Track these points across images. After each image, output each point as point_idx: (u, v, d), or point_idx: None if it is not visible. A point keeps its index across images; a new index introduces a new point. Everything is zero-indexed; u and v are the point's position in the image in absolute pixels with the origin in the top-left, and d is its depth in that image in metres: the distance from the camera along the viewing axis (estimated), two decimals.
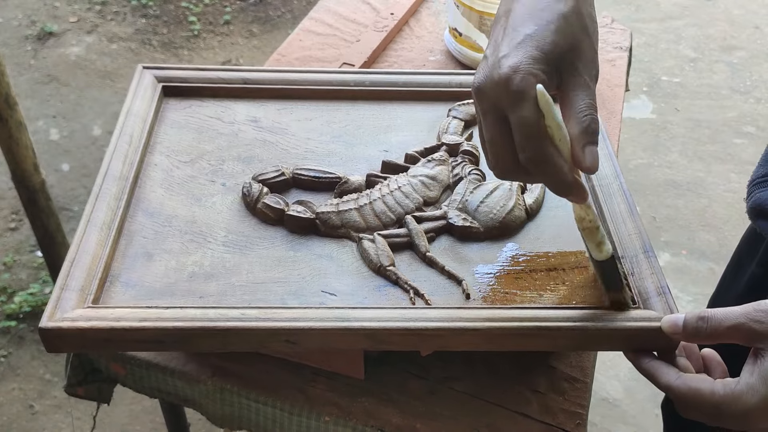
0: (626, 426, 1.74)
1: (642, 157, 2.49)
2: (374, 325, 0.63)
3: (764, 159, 0.77)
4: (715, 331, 0.57)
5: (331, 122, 0.88)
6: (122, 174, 0.76)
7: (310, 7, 2.03)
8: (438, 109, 0.90)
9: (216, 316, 0.63)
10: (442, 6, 1.32)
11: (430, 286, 0.69)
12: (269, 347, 0.66)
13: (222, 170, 0.81)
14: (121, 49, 2.82)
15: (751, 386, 0.55)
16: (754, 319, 0.55)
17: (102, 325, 0.62)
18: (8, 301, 1.90)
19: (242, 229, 0.74)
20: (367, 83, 0.92)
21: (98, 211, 0.72)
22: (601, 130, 0.84)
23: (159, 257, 0.70)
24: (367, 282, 0.69)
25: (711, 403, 0.56)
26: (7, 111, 1.41)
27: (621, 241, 0.72)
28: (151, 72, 0.89)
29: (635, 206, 0.76)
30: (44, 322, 0.62)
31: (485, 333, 0.63)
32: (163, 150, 0.82)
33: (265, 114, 0.88)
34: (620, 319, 0.64)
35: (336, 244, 0.73)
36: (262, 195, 0.76)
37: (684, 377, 0.59)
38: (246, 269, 0.70)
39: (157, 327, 0.62)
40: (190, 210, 0.76)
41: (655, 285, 0.67)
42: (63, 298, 0.64)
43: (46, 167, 1.92)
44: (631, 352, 0.65)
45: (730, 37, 3.07)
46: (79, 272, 0.66)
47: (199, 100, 0.89)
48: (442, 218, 0.75)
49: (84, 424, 1.68)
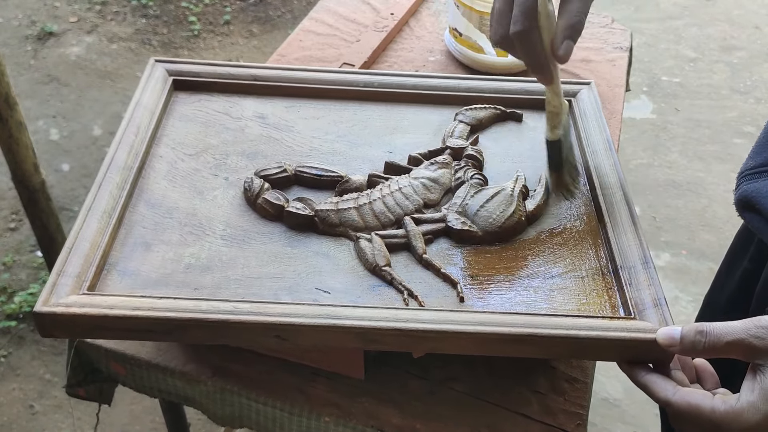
0: (626, 426, 1.74)
1: (642, 157, 2.49)
2: (365, 324, 0.63)
3: (754, 152, 0.77)
4: (713, 346, 0.56)
5: (337, 121, 0.88)
6: (127, 164, 0.77)
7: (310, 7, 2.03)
8: (445, 113, 0.90)
9: (208, 309, 0.63)
10: (442, 6, 1.32)
11: (424, 288, 0.69)
12: (260, 342, 0.66)
13: (226, 164, 0.81)
14: (121, 49, 2.82)
15: (751, 404, 0.54)
16: (755, 335, 0.54)
17: (94, 312, 0.62)
18: (8, 301, 1.90)
19: (241, 224, 0.74)
20: (375, 84, 0.92)
21: (100, 199, 0.72)
22: (608, 139, 0.85)
23: (157, 248, 0.71)
24: (361, 281, 0.69)
25: (711, 420, 0.56)
26: (7, 111, 1.41)
27: (621, 250, 0.72)
28: (163, 65, 0.90)
29: (637, 217, 0.75)
30: (38, 307, 0.62)
31: (477, 337, 0.63)
32: (169, 142, 0.83)
33: (272, 111, 0.89)
34: (614, 329, 0.63)
35: (333, 242, 0.73)
36: (263, 190, 0.76)
37: (682, 392, 0.58)
38: (242, 263, 0.70)
39: (149, 316, 0.62)
40: (192, 203, 0.76)
41: (652, 296, 0.67)
42: (59, 284, 0.64)
43: (46, 167, 1.92)
44: (625, 363, 0.64)
45: (730, 37, 3.07)
46: (77, 259, 0.66)
47: (208, 94, 0.90)
48: (440, 221, 0.75)
49: (84, 424, 1.68)
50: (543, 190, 0.79)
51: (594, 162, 0.82)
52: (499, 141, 0.88)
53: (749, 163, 0.76)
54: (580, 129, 0.87)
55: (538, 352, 0.65)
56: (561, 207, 0.79)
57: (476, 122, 0.88)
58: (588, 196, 0.80)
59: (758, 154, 0.76)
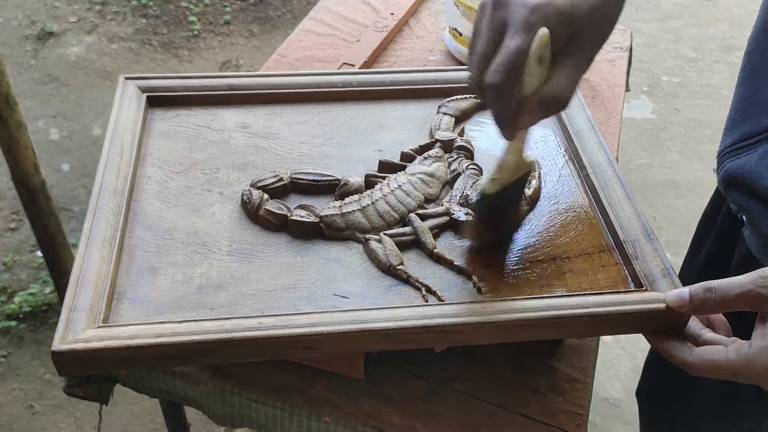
0: (626, 426, 1.74)
1: (642, 157, 2.49)
2: (392, 325, 0.62)
3: (728, 128, 0.78)
4: (723, 300, 0.59)
5: (322, 124, 0.88)
6: (117, 188, 0.74)
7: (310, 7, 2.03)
8: (427, 107, 0.90)
9: (232, 327, 0.62)
10: (442, 6, 1.32)
11: (440, 283, 0.69)
12: (288, 355, 0.65)
13: (217, 179, 0.79)
14: (121, 49, 2.82)
15: (763, 348, 0.56)
16: (762, 285, 0.57)
17: (117, 344, 0.60)
18: (8, 301, 1.90)
19: (246, 237, 0.73)
20: (354, 83, 0.91)
21: (97, 227, 0.70)
22: (589, 119, 0.85)
23: (164, 271, 0.69)
24: (377, 282, 0.69)
25: (727, 369, 0.58)
26: (7, 111, 1.41)
27: (621, 225, 0.73)
28: (134, 82, 0.87)
29: (631, 191, 0.76)
30: (57, 345, 0.59)
31: (501, 325, 0.63)
32: (154, 162, 0.81)
33: (254, 120, 0.87)
34: (631, 303, 0.65)
35: (342, 246, 0.73)
36: (263, 202, 0.75)
37: (697, 351, 0.61)
38: (255, 277, 0.69)
39: (174, 342, 0.60)
40: (190, 221, 0.74)
41: (660, 267, 0.68)
42: (73, 319, 0.62)
43: (46, 167, 1.92)
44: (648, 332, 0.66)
45: (730, 37, 3.07)
46: (86, 291, 0.64)
47: (185, 108, 0.88)
48: (445, 214, 0.75)
49: (85, 425, 1.68)
50: (537, 175, 0.80)
51: (580, 142, 0.83)
52: (484, 129, 0.89)
53: (727, 141, 0.77)
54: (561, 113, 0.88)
55: (561, 333, 0.67)
56: (557, 190, 0.80)
57: (460, 113, 0.88)
58: (579, 176, 0.81)
59: (734, 131, 0.76)
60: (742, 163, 0.74)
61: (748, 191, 0.74)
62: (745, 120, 0.75)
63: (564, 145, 0.86)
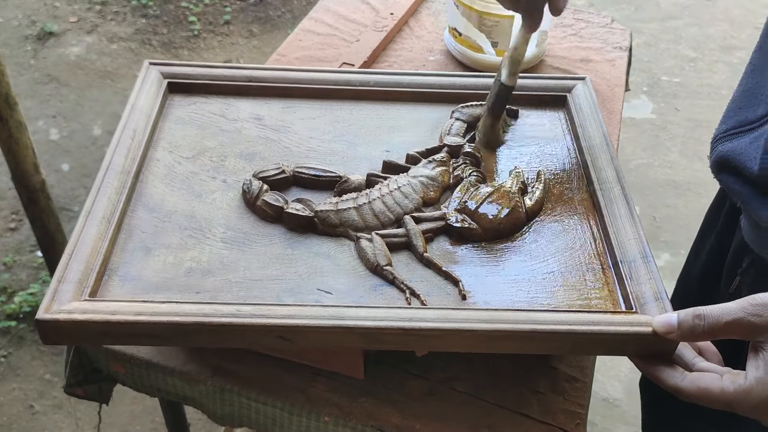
0: (626, 426, 1.74)
1: (642, 157, 2.49)
2: (369, 324, 0.63)
3: (725, 117, 0.78)
4: (712, 328, 0.57)
5: (334, 121, 0.88)
6: (124, 168, 0.76)
7: (310, 7, 2.03)
8: (441, 111, 0.90)
9: (211, 312, 0.63)
10: (442, 6, 1.32)
11: (426, 287, 0.69)
12: (263, 344, 0.66)
13: (224, 167, 0.81)
14: (121, 49, 2.82)
15: (759, 380, 0.55)
16: (752, 313, 0.55)
17: (97, 318, 0.62)
18: (8, 301, 1.90)
19: (241, 226, 0.74)
20: (371, 83, 0.92)
21: (99, 204, 0.72)
22: (605, 134, 0.85)
23: (157, 252, 0.71)
24: (363, 281, 0.69)
25: (721, 401, 0.57)
26: (7, 111, 1.41)
27: (620, 244, 0.72)
28: (158, 68, 0.90)
29: (636, 212, 0.75)
30: (41, 314, 0.62)
31: (480, 335, 0.63)
32: (166, 146, 0.83)
33: (269, 112, 0.89)
34: (617, 324, 0.63)
35: (334, 242, 0.73)
36: (261, 192, 0.76)
37: (690, 377, 0.59)
38: (243, 266, 0.70)
39: (152, 321, 0.62)
40: (190, 206, 0.76)
41: (653, 290, 0.67)
42: (60, 291, 0.64)
43: (46, 167, 1.92)
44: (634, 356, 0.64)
45: (730, 37, 3.07)
46: (77, 265, 0.66)
47: (203, 96, 0.90)
48: (440, 219, 0.75)
49: (85, 424, 1.68)
50: (542, 186, 0.79)
51: (591, 157, 0.83)
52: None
53: (722, 127, 0.78)
54: (576, 124, 0.87)
55: (541, 348, 0.65)
56: (559, 203, 0.79)
57: (473, 119, 0.88)
58: (586, 191, 0.80)
59: (730, 119, 0.77)
60: (733, 146, 0.74)
61: (736, 173, 0.73)
62: (742, 109, 0.75)
63: (575, 158, 0.85)
